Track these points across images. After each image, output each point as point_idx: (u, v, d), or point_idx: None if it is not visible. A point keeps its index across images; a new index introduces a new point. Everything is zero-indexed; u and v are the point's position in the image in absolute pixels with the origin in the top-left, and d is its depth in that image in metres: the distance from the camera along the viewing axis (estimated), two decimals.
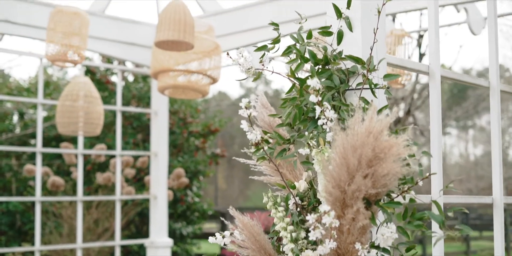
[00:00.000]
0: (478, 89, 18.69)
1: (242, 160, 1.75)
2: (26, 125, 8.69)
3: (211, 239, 1.57)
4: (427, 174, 1.40)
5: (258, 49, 1.63)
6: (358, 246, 1.37)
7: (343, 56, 1.58)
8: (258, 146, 1.53)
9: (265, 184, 1.72)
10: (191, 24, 3.52)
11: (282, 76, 1.59)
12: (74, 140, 7.85)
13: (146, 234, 8.38)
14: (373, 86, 1.53)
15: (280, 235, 1.53)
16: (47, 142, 8.26)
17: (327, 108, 1.47)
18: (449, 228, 1.37)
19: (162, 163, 5.16)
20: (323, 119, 1.48)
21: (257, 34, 4.43)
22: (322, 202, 1.45)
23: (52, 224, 7.57)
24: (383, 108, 1.47)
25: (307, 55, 1.60)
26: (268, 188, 1.66)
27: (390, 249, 1.43)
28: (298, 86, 1.59)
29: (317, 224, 1.31)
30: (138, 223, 8.65)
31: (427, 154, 1.48)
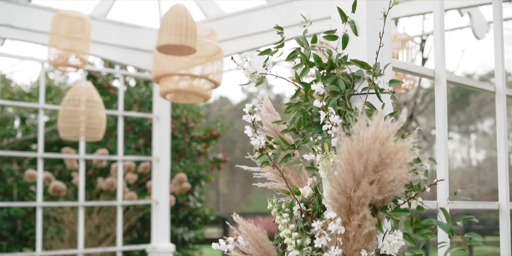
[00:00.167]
0: (480, 93, 18.68)
1: (245, 168, 1.73)
2: (28, 130, 8.68)
3: (214, 245, 1.55)
4: (435, 180, 1.38)
5: (262, 53, 1.61)
6: (364, 253, 1.35)
7: (348, 61, 1.57)
8: (262, 152, 1.52)
9: (266, 189, 1.70)
10: (193, 29, 3.51)
11: (286, 80, 1.57)
12: (75, 145, 7.84)
13: (148, 239, 8.35)
14: (378, 91, 1.51)
15: (284, 241, 1.51)
16: (48, 147, 8.24)
17: (332, 113, 1.45)
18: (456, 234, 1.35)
19: (164, 168, 5.14)
20: (328, 124, 1.46)
21: (259, 38, 4.42)
22: (328, 208, 1.43)
23: (53, 230, 7.54)
24: (392, 114, 1.45)
25: (312, 60, 1.58)
26: (270, 193, 1.64)
27: None
28: (303, 91, 1.57)
29: (323, 231, 1.29)
30: (140, 228, 8.63)
31: (433, 160, 1.47)
